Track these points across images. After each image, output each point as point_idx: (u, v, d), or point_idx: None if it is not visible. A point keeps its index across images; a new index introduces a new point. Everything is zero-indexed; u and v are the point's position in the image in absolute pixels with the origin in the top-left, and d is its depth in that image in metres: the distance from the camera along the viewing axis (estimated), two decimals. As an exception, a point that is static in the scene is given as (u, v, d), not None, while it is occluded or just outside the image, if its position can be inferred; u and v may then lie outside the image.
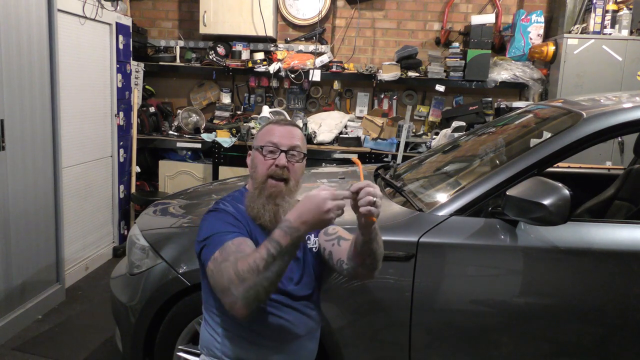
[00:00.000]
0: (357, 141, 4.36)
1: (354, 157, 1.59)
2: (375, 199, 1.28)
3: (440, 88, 4.54)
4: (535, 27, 4.48)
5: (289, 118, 4.78)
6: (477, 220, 1.87)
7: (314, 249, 1.62)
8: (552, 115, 2.24)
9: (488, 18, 4.44)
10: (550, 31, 4.59)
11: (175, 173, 4.54)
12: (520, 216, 1.74)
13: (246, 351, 1.49)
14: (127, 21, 4.13)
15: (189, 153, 4.60)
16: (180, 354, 2.07)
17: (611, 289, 1.82)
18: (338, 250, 1.54)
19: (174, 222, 2.35)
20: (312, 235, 1.63)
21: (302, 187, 2.68)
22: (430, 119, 4.81)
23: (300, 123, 4.42)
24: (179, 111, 4.76)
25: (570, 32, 4.18)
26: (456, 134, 3.94)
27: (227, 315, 1.42)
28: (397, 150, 4.20)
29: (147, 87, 4.94)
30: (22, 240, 2.90)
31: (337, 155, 4.26)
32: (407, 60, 4.58)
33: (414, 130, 4.57)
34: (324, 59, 4.66)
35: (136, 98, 4.38)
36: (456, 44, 4.56)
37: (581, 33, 4.13)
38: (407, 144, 4.21)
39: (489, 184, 1.88)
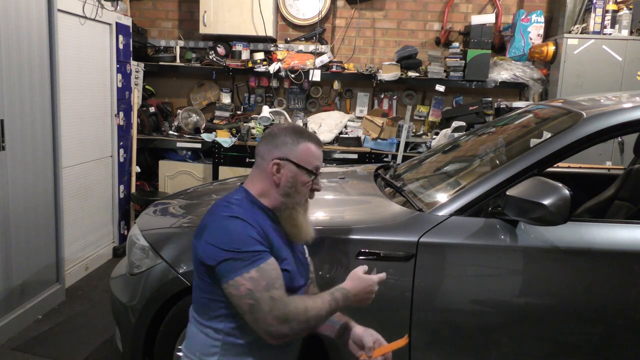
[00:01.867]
0: (357, 141, 4.36)
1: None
2: None
3: (440, 88, 4.54)
4: (535, 27, 4.48)
5: (289, 118, 4.79)
6: (477, 220, 1.87)
7: (308, 259, 1.72)
8: (552, 115, 2.24)
9: (488, 18, 4.44)
10: (550, 31, 4.59)
11: (175, 173, 4.54)
12: (520, 216, 1.74)
13: (248, 357, 1.50)
14: (127, 21, 4.13)
15: (189, 153, 4.60)
16: (180, 354, 2.06)
17: (611, 289, 1.82)
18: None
19: (174, 222, 2.34)
20: (307, 249, 1.71)
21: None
22: (430, 119, 4.81)
23: (300, 123, 4.42)
24: (179, 111, 4.76)
25: (570, 32, 4.18)
26: (456, 134, 3.94)
27: (235, 323, 1.47)
28: (397, 150, 4.20)
29: (147, 87, 4.94)
30: (22, 240, 2.90)
31: (337, 155, 4.26)
32: (407, 60, 4.59)
33: (414, 130, 4.58)
34: (324, 59, 4.66)
35: (136, 98, 4.38)
36: (456, 44, 4.56)
37: (581, 33, 4.13)
38: (407, 144, 4.22)
39: (489, 184, 1.88)
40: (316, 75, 4.58)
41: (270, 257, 1.44)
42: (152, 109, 4.62)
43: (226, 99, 5.00)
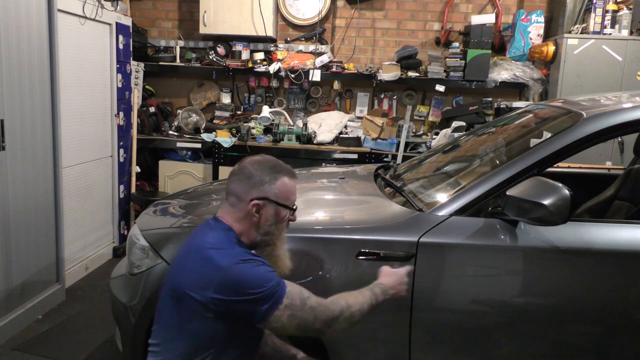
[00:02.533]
0: (357, 141, 4.36)
1: None
2: None
3: (440, 88, 4.54)
4: (535, 27, 4.48)
5: (289, 118, 4.79)
6: (477, 220, 1.87)
7: None
8: (552, 115, 2.24)
9: (488, 18, 4.44)
10: (550, 31, 4.59)
11: (175, 173, 4.54)
12: (520, 216, 1.74)
13: None
14: (127, 21, 4.13)
15: (189, 153, 4.60)
16: None
17: (611, 289, 1.82)
18: None
19: (174, 222, 2.34)
20: None
21: (304, 187, 2.69)
22: (430, 119, 4.81)
23: (300, 123, 4.42)
24: (179, 111, 4.76)
25: (570, 32, 4.18)
26: (456, 134, 3.94)
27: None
28: (397, 150, 4.20)
29: (147, 87, 4.94)
30: (22, 240, 2.90)
31: (337, 155, 4.26)
32: (407, 60, 4.59)
33: (414, 130, 4.58)
34: (324, 59, 4.66)
35: (136, 98, 4.38)
36: (456, 44, 4.56)
37: (581, 33, 4.13)
38: (407, 144, 4.22)
39: (489, 184, 1.88)
40: (316, 75, 4.58)
41: (283, 280, 1.49)
42: (152, 109, 4.62)
43: (226, 99, 5.00)
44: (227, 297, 1.41)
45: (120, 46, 4.01)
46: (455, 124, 4.18)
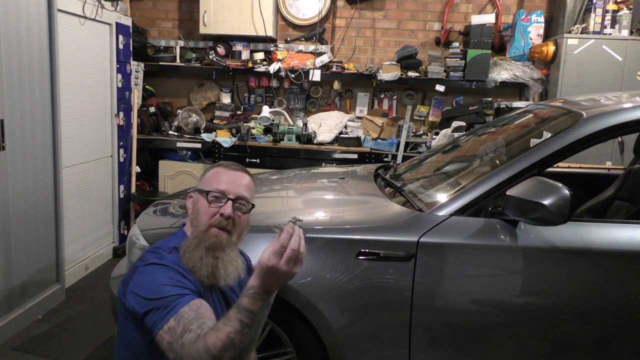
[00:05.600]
0: (357, 141, 4.36)
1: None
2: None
3: (440, 88, 4.54)
4: (535, 27, 4.48)
5: (289, 118, 4.79)
6: (477, 220, 1.87)
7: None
8: (552, 115, 2.24)
9: (488, 18, 4.44)
10: (550, 31, 4.59)
11: (175, 173, 4.53)
12: (520, 216, 1.75)
13: None
14: (127, 21, 4.13)
15: (189, 153, 4.60)
16: None
17: (611, 289, 1.82)
18: None
19: (174, 222, 2.34)
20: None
21: (304, 187, 2.69)
22: (430, 119, 4.81)
23: (300, 123, 4.42)
24: (179, 111, 4.76)
25: (570, 32, 4.18)
26: (456, 134, 3.94)
27: None
28: (397, 150, 4.20)
29: (147, 87, 4.94)
30: (22, 240, 2.90)
31: (337, 155, 4.26)
32: (407, 60, 4.59)
33: (414, 130, 4.57)
34: (324, 59, 4.66)
35: (136, 98, 4.38)
36: (456, 44, 4.56)
37: (581, 33, 4.13)
38: (407, 144, 4.22)
39: (489, 184, 1.88)
40: (316, 75, 4.58)
41: (192, 298, 1.33)
42: (152, 109, 4.62)
43: (226, 99, 5.01)
44: (129, 300, 1.35)
45: (120, 46, 4.01)
46: (455, 124, 4.18)
